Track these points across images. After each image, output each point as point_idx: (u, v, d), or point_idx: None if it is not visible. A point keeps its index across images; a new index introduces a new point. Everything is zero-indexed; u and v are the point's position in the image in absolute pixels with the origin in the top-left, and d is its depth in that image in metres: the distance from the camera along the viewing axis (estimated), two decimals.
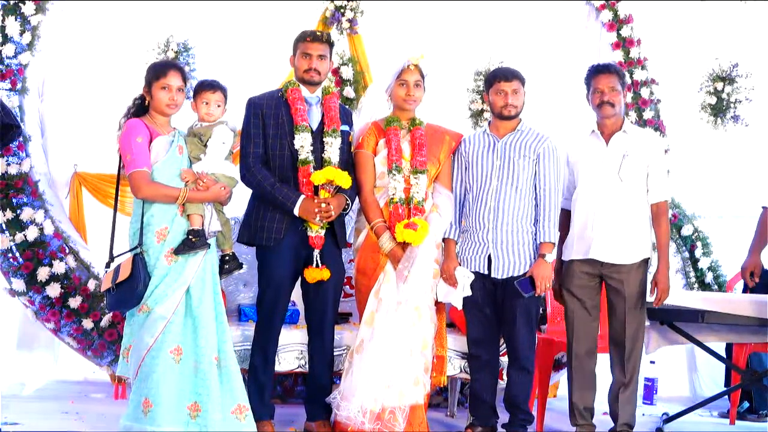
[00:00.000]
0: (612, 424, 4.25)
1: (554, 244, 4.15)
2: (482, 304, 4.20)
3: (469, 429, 4.29)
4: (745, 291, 5.03)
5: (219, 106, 4.00)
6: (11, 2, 5.05)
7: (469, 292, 4.14)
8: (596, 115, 4.27)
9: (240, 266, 4.10)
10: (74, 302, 5.04)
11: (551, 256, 4.13)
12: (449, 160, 4.32)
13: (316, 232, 4.07)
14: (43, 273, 5.00)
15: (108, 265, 3.88)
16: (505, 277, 4.13)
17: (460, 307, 4.18)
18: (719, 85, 5.85)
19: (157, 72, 3.88)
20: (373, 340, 4.03)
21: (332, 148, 4.10)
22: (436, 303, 4.22)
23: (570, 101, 4.82)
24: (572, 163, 4.30)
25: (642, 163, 4.18)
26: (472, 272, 4.16)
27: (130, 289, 3.71)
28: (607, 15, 5.74)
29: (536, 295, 4.11)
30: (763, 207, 4.70)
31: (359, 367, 4.03)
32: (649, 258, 4.23)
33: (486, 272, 4.16)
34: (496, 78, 4.24)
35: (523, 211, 4.16)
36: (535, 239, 4.16)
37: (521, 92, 4.23)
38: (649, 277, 4.24)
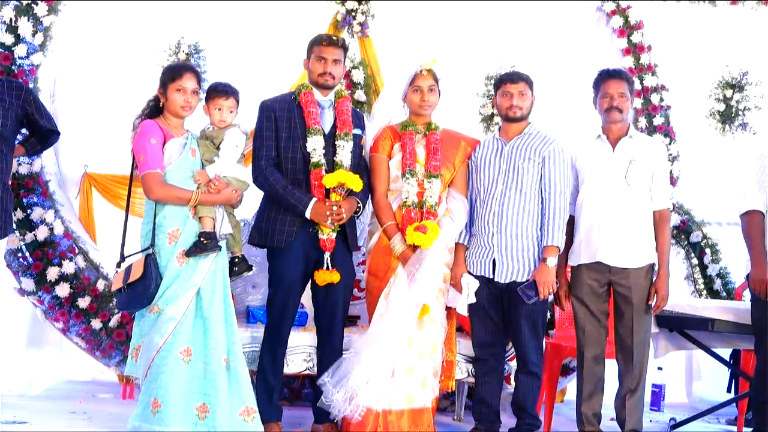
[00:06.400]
0: (619, 430, 4.24)
1: (558, 248, 4.12)
2: (487, 308, 4.21)
3: None
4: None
5: (231, 111, 4.02)
6: (24, 3, 5.05)
7: (473, 300, 4.14)
8: (602, 119, 4.27)
9: (249, 268, 4.11)
10: (83, 302, 5.03)
11: (553, 260, 4.10)
12: (464, 166, 4.31)
13: (327, 234, 4.08)
14: (52, 273, 4.99)
15: (119, 265, 3.90)
16: (507, 281, 4.14)
17: (464, 313, 4.18)
18: (728, 93, 5.83)
19: (172, 74, 3.90)
20: (379, 340, 4.01)
21: (344, 152, 4.11)
22: (447, 307, 4.23)
23: (581, 107, 4.81)
24: (578, 167, 4.29)
25: (647, 169, 4.19)
26: (478, 276, 4.17)
27: (142, 289, 3.73)
28: (617, 21, 5.71)
29: (539, 300, 4.10)
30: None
31: (362, 364, 3.97)
32: (654, 263, 4.22)
33: (491, 276, 4.16)
34: (503, 81, 4.27)
35: (528, 216, 4.15)
36: (540, 244, 4.15)
37: (528, 94, 4.23)
38: None
